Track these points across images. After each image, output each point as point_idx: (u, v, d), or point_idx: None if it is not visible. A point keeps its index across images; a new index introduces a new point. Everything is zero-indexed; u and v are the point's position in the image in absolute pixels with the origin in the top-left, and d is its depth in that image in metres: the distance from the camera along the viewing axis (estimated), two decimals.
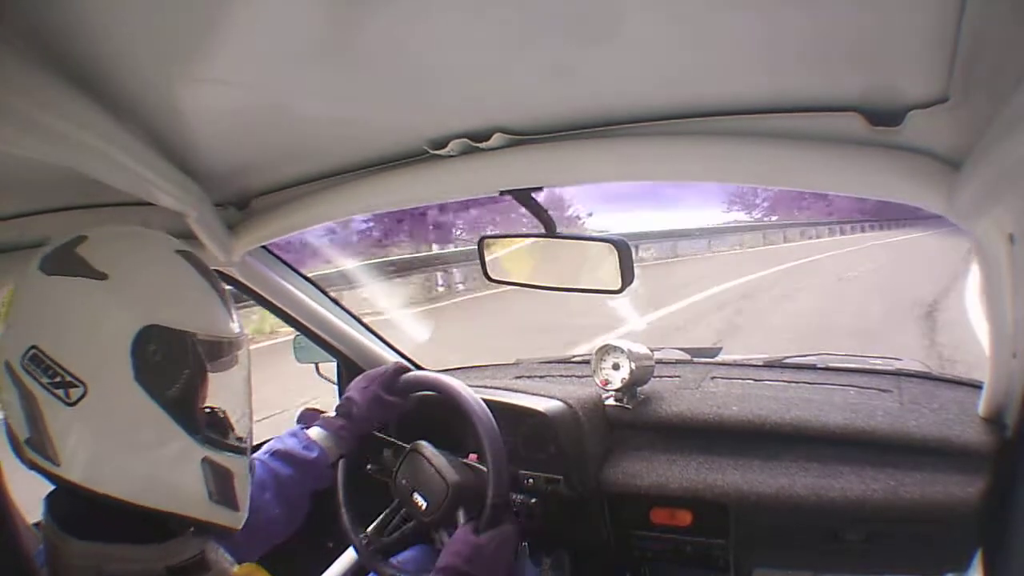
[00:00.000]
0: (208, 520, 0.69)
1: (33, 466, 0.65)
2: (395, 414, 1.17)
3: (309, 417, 1.14)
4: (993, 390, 1.03)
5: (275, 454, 1.01)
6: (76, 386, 0.62)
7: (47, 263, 0.66)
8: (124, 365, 0.64)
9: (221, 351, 0.71)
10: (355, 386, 1.15)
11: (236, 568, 0.75)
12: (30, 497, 0.70)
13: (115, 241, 0.70)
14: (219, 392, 0.72)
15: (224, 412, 0.73)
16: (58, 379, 0.62)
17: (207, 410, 0.72)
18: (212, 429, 0.71)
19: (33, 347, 0.62)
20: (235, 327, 0.73)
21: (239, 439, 0.74)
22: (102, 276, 0.65)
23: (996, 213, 0.63)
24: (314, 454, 1.02)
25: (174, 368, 0.67)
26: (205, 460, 0.68)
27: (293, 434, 1.06)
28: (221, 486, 0.69)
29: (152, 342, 0.65)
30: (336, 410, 1.11)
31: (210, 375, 0.71)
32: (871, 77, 0.61)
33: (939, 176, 0.64)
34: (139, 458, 0.65)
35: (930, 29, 0.50)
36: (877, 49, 0.56)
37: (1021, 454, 0.98)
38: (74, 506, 0.65)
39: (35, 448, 0.63)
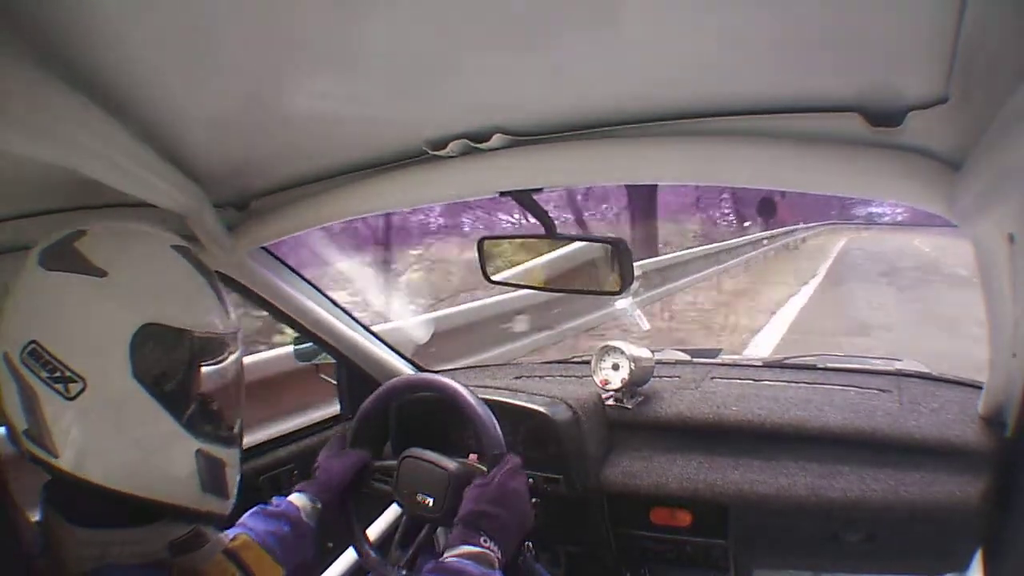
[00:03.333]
0: (199, 508, 0.72)
1: (31, 457, 0.66)
2: (354, 461, 1.20)
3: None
4: (993, 390, 1.03)
5: (250, 514, 1.04)
6: (75, 381, 0.63)
7: (46, 258, 0.67)
8: (122, 362, 0.65)
9: (216, 347, 0.73)
10: (320, 453, 1.21)
11: (230, 541, 0.79)
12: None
13: (113, 237, 0.70)
14: (212, 386, 0.74)
15: (217, 404, 0.75)
16: (57, 374, 0.63)
17: (201, 403, 0.73)
18: (205, 421, 0.73)
19: (32, 342, 0.64)
20: (231, 323, 0.75)
21: (230, 430, 0.77)
22: (101, 273, 0.66)
23: (996, 213, 0.63)
24: (281, 507, 1.05)
25: (171, 364, 0.68)
26: (199, 452, 0.70)
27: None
28: (213, 476, 0.72)
29: (150, 340, 0.66)
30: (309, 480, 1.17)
31: (204, 369, 0.72)
32: (871, 78, 0.61)
33: (939, 176, 0.64)
34: (135, 450, 0.67)
35: (930, 30, 0.50)
36: (877, 50, 0.56)
37: (1021, 454, 0.98)
38: (74, 496, 0.67)
39: (33, 439, 0.65)
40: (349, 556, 1.42)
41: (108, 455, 0.66)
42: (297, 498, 1.09)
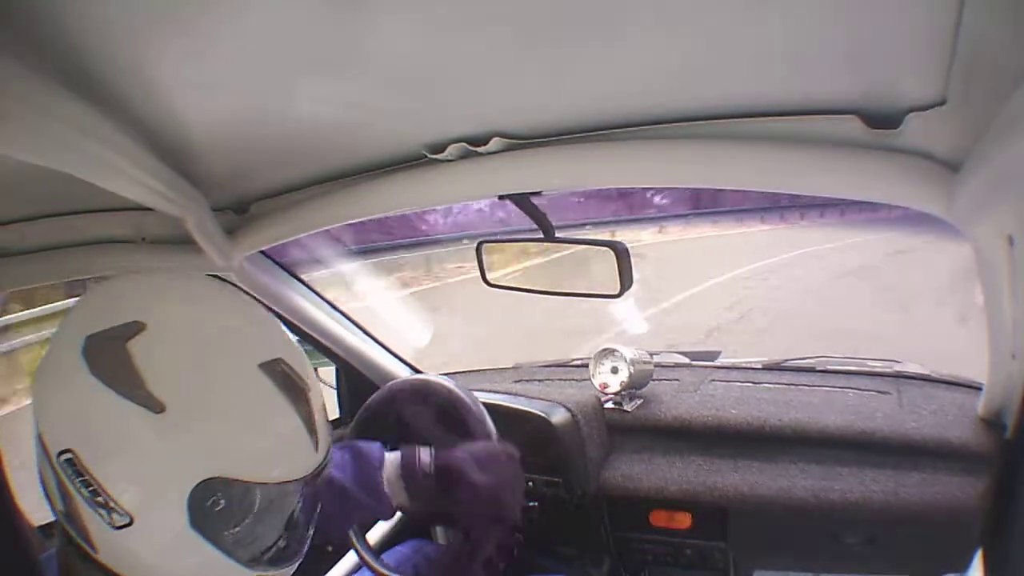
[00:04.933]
0: None
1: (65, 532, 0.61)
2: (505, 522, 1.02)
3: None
4: (992, 391, 1.03)
5: (330, 483, 0.91)
6: (121, 515, 0.55)
7: (94, 355, 0.56)
8: (179, 512, 0.56)
9: (295, 490, 0.63)
10: (482, 456, 0.99)
11: None
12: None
13: (179, 346, 0.58)
14: (282, 522, 0.64)
15: (288, 536, 0.65)
16: (100, 499, 0.55)
17: (265, 540, 0.63)
18: (271, 553, 0.64)
19: (69, 451, 0.55)
20: (318, 455, 0.62)
21: (300, 545, 0.67)
22: (158, 407, 0.54)
23: (995, 214, 0.63)
24: (375, 505, 0.93)
25: (237, 515, 0.59)
26: None
27: (362, 461, 0.96)
28: None
29: (214, 494, 0.57)
30: (434, 459, 0.97)
31: (277, 511, 0.63)
32: (870, 80, 0.61)
33: (938, 178, 0.64)
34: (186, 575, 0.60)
35: (928, 31, 0.50)
36: (875, 52, 0.56)
37: (1020, 455, 0.98)
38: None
39: (71, 525, 0.59)
40: (350, 560, 1.42)
41: (155, 573, 0.59)
42: (393, 485, 0.94)
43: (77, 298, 0.64)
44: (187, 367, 0.57)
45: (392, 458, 0.97)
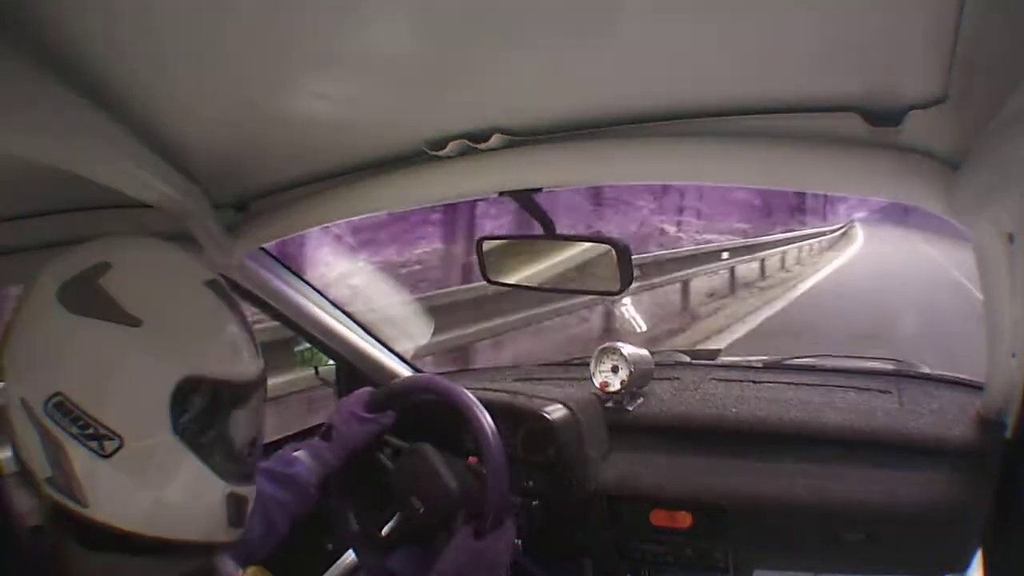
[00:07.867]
0: (220, 541, 0.70)
1: (52, 502, 0.63)
2: (375, 429, 1.21)
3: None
4: (992, 390, 1.03)
5: (259, 471, 1.01)
6: (111, 439, 0.60)
7: (69, 297, 0.62)
8: (163, 418, 0.62)
9: (250, 392, 0.70)
10: (334, 411, 1.22)
11: (241, 571, 0.76)
12: None
13: (142, 274, 0.66)
14: (243, 428, 0.71)
15: (246, 446, 0.72)
16: (90, 431, 0.60)
17: (232, 447, 0.70)
18: (236, 464, 0.70)
19: (58, 394, 0.59)
20: (260, 362, 0.71)
21: (253, 466, 0.74)
22: (135, 322, 0.61)
23: (995, 212, 0.63)
24: (294, 469, 1.06)
25: (210, 417, 0.66)
26: (230, 494, 0.68)
27: (275, 457, 1.10)
28: (237, 512, 0.70)
29: (190, 393, 0.63)
30: (318, 437, 1.17)
31: (238, 414, 0.70)
32: (870, 77, 0.61)
33: (938, 176, 0.65)
34: (171, 500, 0.64)
35: (929, 29, 0.50)
36: (876, 49, 0.56)
37: (1021, 454, 0.98)
38: (88, 523, 0.63)
39: (58, 488, 0.62)
40: (348, 559, 1.42)
41: (143, 506, 0.63)
42: (306, 457, 1.10)
43: None
44: (152, 289, 0.65)
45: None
